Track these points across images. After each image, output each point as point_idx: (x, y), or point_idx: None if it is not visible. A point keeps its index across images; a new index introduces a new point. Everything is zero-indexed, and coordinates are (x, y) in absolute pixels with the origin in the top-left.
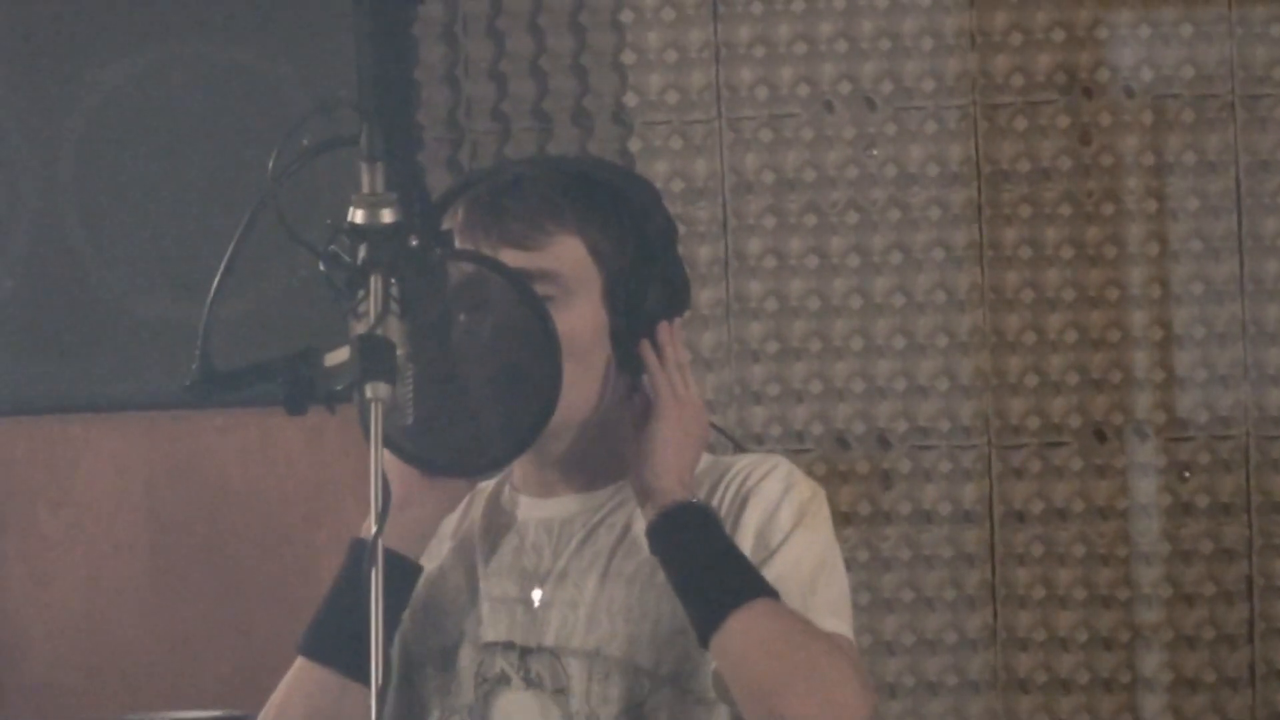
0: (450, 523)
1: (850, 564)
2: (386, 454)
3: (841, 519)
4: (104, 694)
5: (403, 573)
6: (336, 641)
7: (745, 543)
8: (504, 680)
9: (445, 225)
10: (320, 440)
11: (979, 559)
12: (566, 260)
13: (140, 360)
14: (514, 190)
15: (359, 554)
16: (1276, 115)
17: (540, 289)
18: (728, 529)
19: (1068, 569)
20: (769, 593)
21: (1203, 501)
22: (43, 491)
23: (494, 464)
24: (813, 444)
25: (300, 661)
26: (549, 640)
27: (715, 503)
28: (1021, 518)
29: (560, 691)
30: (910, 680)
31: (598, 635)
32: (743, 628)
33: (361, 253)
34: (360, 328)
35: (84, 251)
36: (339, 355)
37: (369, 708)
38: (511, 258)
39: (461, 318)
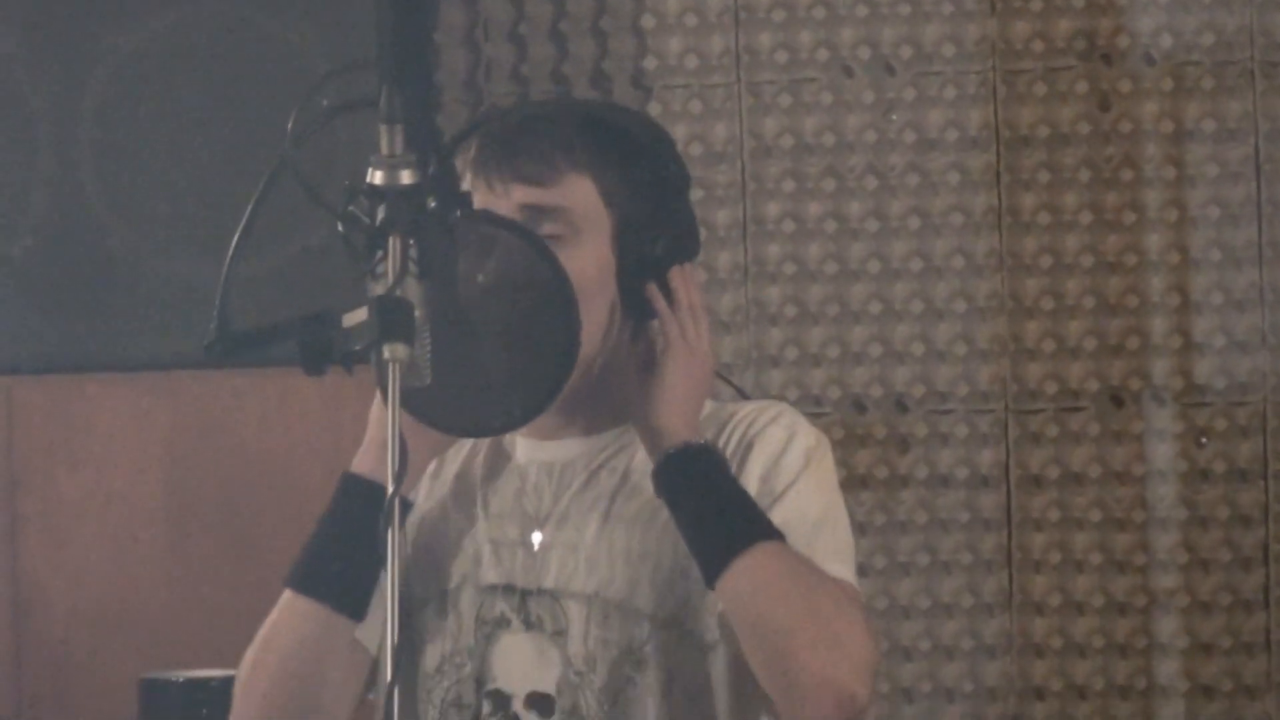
0: (453, 464)
1: (867, 528)
2: (378, 400)
3: (858, 482)
4: (121, 652)
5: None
6: (325, 576)
7: (750, 488)
8: (504, 623)
9: (459, 160)
10: (338, 401)
11: (995, 523)
12: (577, 199)
13: (158, 320)
14: (528, 128)
15: (348, 488)
16: None
17: (549, 227)
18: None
19: (1084, 534)
20: (775, 535)
21: (1220, 467)
22: (60, 451)
23: (512, 423)
24: (830, 408)
25: (287, 595)
26: (549, 583)
27: (720, 448)
28: (1038, 482)
29: (559, 633)
30: (926, 644)
31: (598, 578)
32: (749, 570)
33: (380, 214)
34: (378, 289)
35: (102, 212)
36: (357, 316)
37: (355, 642)
38: (522, 193)
39: (480, 278)
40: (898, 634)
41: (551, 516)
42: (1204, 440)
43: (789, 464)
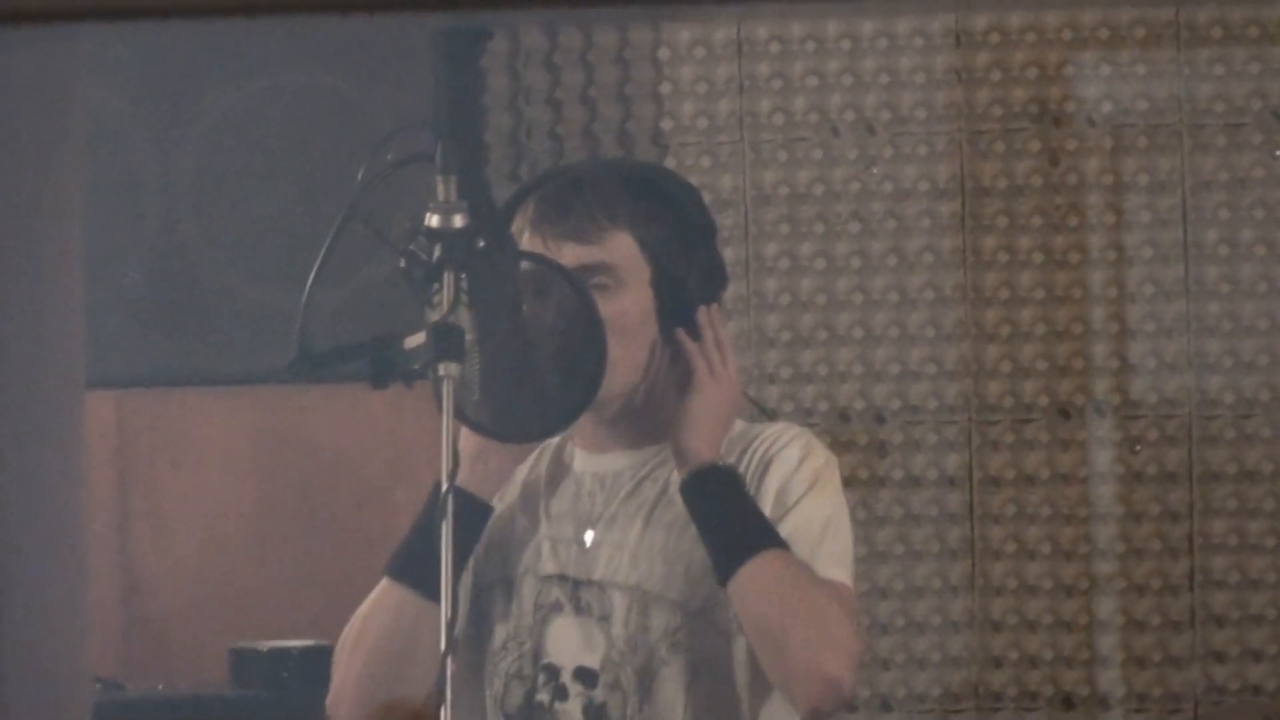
0: (521, 471)
1: (850, 521)
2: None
3: (843, 483)
4: (215, 625)
5: (477, 512)
6: (418, 567)
7: (766, 499)
8: (558, 607)
9: (518, 218)
10: (400, 411)
11: (960, 518)
12: (620, 253)
13: (248, 341)
14: (577, 191)
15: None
16: (1217, 142)
17: (597, 279)
18: (752, 487)
19: (1036, 527)
20: (780, 544)
21: (1151, 470)
22: (164, 453)
23: (547, 433)
24: (819, 419)
25: (385, 582)
26: (598, 575)
27: (743, 464)
28: (997, 483)
29: (605, 618)
30: (901, 621)
31: (639, 573)
32: (755, 573)
33: (436, 252)
34: (435, 316)
35: (200, 248)
36: (417, 339)
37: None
38: (573, 251)
39: (523, 307)
40: (876, 612)
41: (602, 518)
42: (1138, 448)
43: (800, 480)
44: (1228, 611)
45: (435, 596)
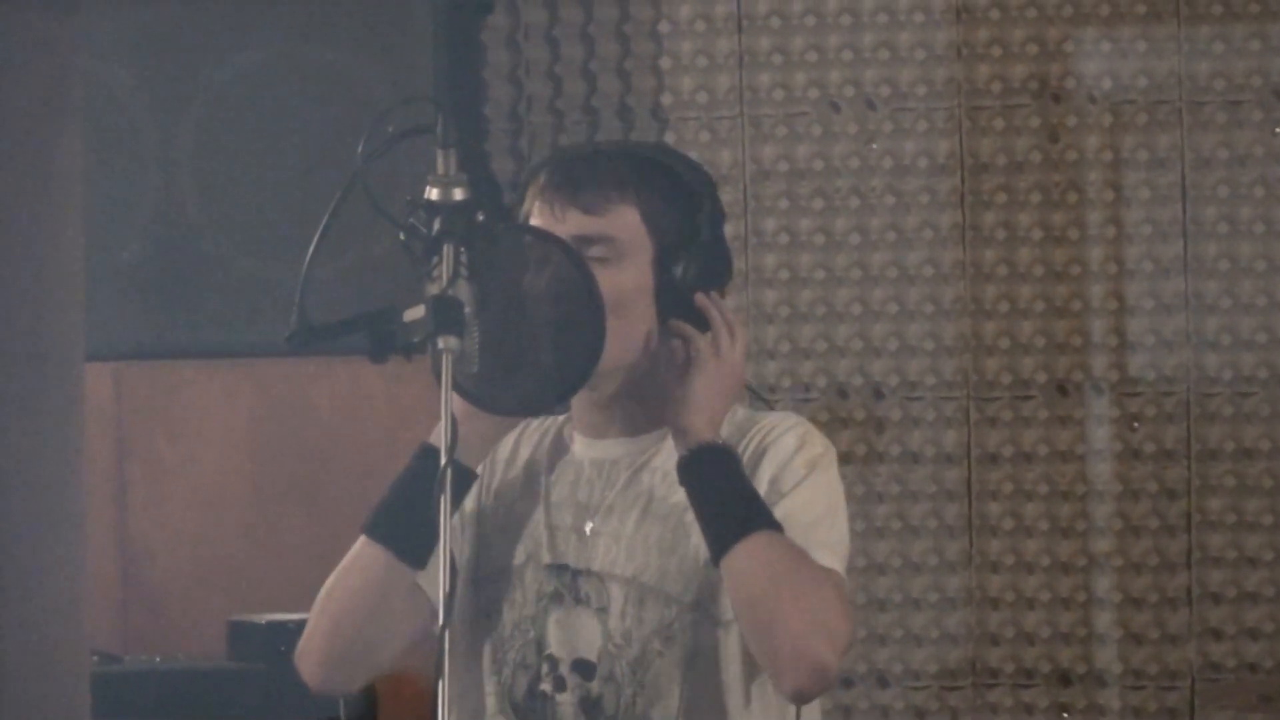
0: (525, 451)
1: (847, 497)
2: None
3: (840, 459)
4: (213, 597)
5: (460, 478)
6: (393, 527)
7: (760, 486)
8: (558, 597)
9: (530, 188)
10: (399, 385)
11: (958, 494)
12: (623, 227)
13: (247, 314)
14: (588, 164)
15: (424, 455)
16: (1217, 119)
17: (597, 250)
18: (747, 473)
19: (1033, 504)
20: (774, 527)
21: (1149, 448)
22: (162, 425)
23: (546, 406)
24: (817, 394)
25: (362, 540)
26: (596, 565)
27: (739, 450)
28: (994, 459)
29: (602, 610)
30: (898, 597)
31: (635, 564)
32: (748, 554)
33: (436, 225)
34: (434, 289)
35: (199, 221)
36: (416, 312)
37: (415, 586)
38: (577, 220)
39: (521, 280)
40: (874, 589)
41: (600, 507)
42: (1136, 425)
43: (795, 468)
44: (1224, 589)
45: (408, 558)
